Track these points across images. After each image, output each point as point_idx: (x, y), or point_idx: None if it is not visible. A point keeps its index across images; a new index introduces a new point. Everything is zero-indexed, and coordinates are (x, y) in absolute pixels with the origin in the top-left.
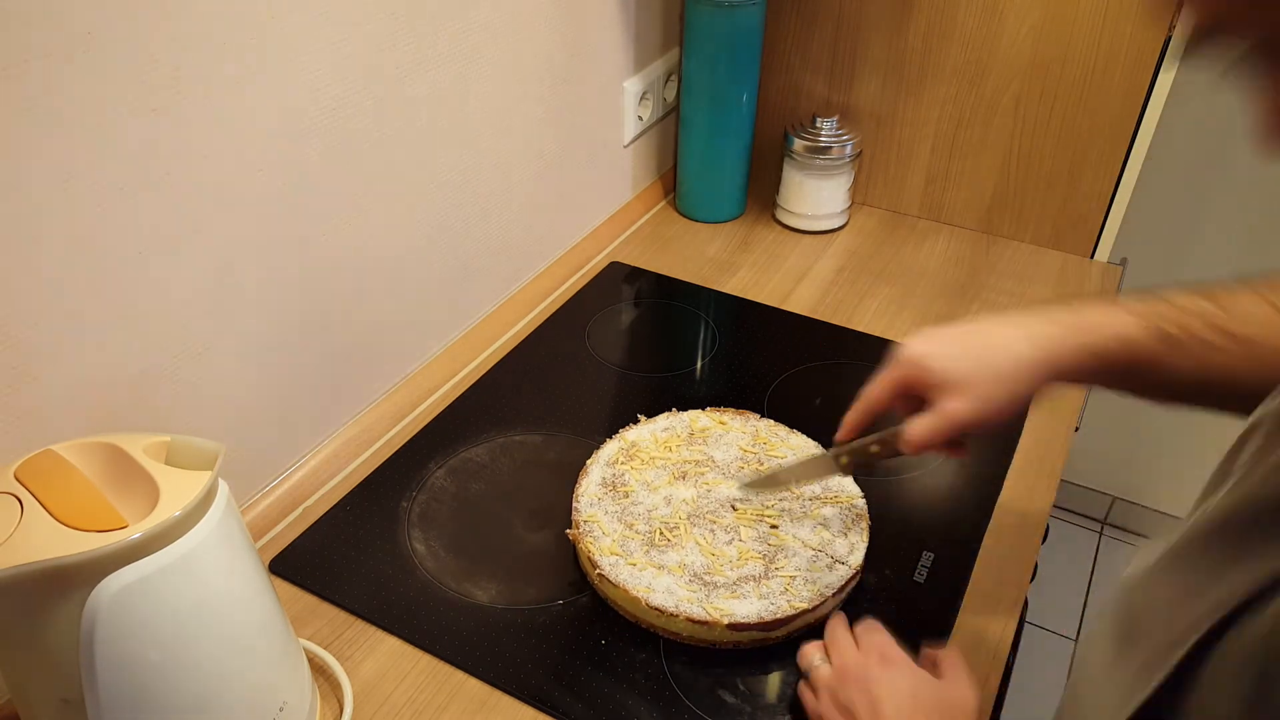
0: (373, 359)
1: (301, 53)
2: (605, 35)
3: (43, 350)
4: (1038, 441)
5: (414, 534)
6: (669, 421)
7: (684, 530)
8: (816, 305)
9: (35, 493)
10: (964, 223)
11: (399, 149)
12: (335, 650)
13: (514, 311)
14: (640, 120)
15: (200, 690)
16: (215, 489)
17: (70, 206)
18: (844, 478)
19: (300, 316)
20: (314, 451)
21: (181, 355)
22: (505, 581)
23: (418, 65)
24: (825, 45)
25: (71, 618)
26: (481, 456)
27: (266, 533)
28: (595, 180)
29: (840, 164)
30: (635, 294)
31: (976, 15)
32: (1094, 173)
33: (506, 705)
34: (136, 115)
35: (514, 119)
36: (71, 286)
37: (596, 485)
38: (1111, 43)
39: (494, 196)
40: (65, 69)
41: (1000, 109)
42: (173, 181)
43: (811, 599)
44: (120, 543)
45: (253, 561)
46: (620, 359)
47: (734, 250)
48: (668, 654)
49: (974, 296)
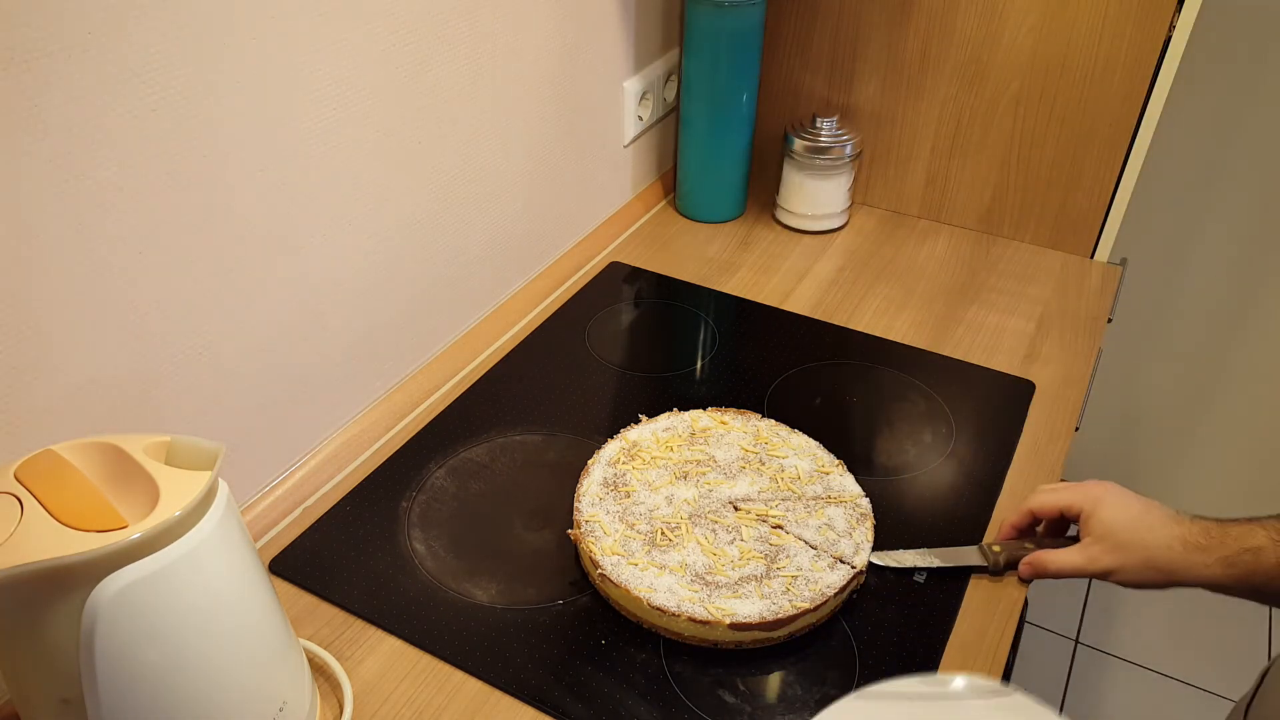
0: (372, 359)
1: (303, 53)
2: (605, 35)
3: (43, 350)
4: (1038, 441)
5: (414, 534)
6: (670, 421)
7: (685, 530)
8: (816, 305)
9: (35, 493)
10: (964, 223)
11: (399, 148)
12: (335, 650)
13: (514, 311)
14: (640, 120)
15: (200, 690)
16: (215, 489)
17: (70, 206)
18: (989, 557)
19: (300, 316)
20: (314, 451)
21: (181, 355)
22: (505, 581)
23: (419, 66)
24: (825, 45)
25: (71, 618)
26: (481, 456)
27: (266, 533)
28: (595, 180)
29: (840, 164)
30: (635, 294)
31: (976, 16)
32: (1094, 173)
33: (506, 705)
34: (136, 115)
35: (514, 119)
36: (71, 286)
37: (598, 485)
38: (1111, 43)
39: (493, 196)
40: (65, 69)
41: (1000, 109)
42: (173, 181)
43: (813, 599)
44: (120, 543)
45: (253, 561)
46: (620, 359)
47: (734, 250)
48: (668, 654)
49: (974, 297)
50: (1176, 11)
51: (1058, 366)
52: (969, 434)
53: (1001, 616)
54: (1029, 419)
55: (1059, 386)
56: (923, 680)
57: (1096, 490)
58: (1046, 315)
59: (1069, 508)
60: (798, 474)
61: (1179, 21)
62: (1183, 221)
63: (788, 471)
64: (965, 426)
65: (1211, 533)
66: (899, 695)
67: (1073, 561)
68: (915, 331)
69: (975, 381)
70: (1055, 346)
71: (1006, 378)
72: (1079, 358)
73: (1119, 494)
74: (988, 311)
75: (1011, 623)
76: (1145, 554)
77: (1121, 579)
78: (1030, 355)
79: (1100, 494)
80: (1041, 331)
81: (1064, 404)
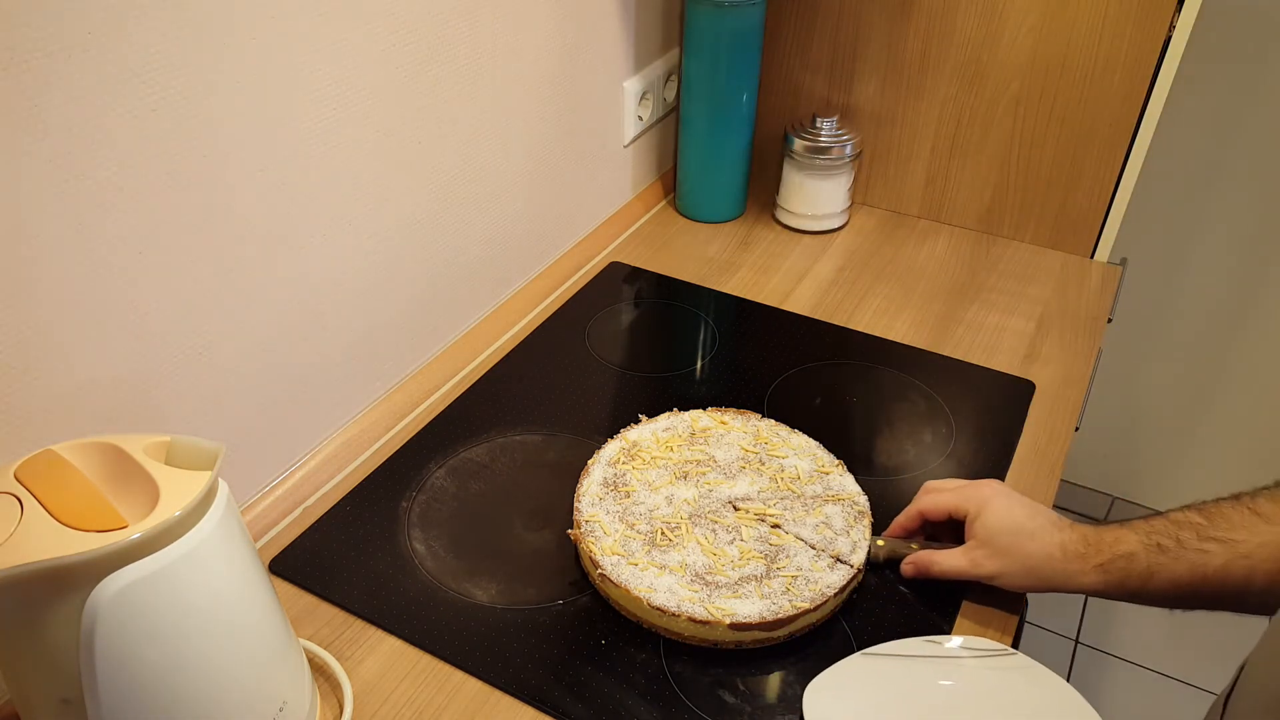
0: (372, 359)
1: (303, 53)
2: (605, 35)
3: (43, 350)
4: (1038, 441)
5: (414, 534)
6: (670, 421)
7: (685, 530)
8: (816, 305)
9: (35, 493)
10: (964, 223)
11: (399, 148)
12: (335, 650)
13: (514, 311)
14: (640, 120)
15: (200, 690)
16: (215, 489)
17: (70, 206)
18: (871, 549)
19: (300, 316)
20: (314, 451)
21: (181, 355)
22: (505, 581)
23: (420, 66)
24: (825, 45)
25: (71, 618)
26: (481, 456)
27: (266, 533)
28: (595, 180)
29: (840, 164)
30: (635, 294)
31: (976, 16)
32: (1094, 173)
33: (506, 705)
34: (136, 115)
35: (514, 119)
36: (71, 286)
37: (598, 485)
38: (1111, 43)
39: (493, 196)
40: (65, 68)
41: (1000, 109)
42: (173, 181)
43: (813, 598)
44: (120, 543)
45: (253, 561)
46: (620, 359)
47: (734, 250)
48: (668, 654)
49: (974, 297)
50: (1176, 11)
51: (1058, 366)
52: (969, 434)
53: (1001, 617)
54: (1029, 419)
55: (1059, 386)
56: (925, 640)
57: (984, 492)
58: (1046, 315)
59: (955, 510)
60: (797, 474)
61: (1179, 21)
62: (1183, 221)
63: (787, 471)
64: (965, 426)
65: (1089, 539)
66: (902, 654)
67: (956, 564)
68: (915, 331)
69: (975, 381)
70: (1055, 346)
71: (1006, 378)
72: (1079, 358)
73: (1005, 498)
74: (988, 311)
75: (1011, 623)
76: (1027, 562)
77: (1004, 584)
78: (1030, 355)
79: (987, 496)
80: (1041, 331)
81: (1064, 404)
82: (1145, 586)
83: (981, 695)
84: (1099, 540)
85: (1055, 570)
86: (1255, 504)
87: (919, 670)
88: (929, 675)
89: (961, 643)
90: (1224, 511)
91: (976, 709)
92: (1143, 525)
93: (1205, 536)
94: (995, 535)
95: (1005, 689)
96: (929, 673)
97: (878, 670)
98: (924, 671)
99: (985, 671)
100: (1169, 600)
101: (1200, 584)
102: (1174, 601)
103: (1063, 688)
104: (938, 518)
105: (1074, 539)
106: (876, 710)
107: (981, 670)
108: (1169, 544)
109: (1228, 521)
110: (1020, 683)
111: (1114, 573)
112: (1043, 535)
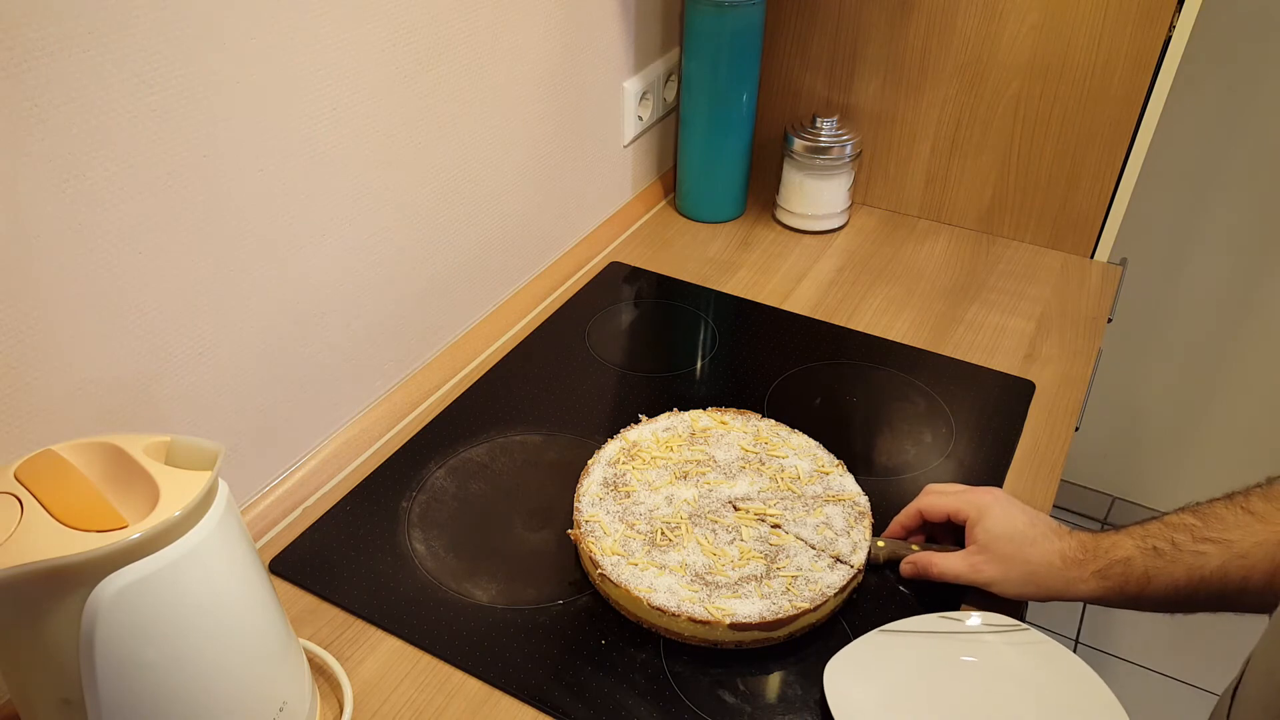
0: (372, 359)
1: (303, 53)
2: (605, 35)
3: (43, 350)
4: (1038, 441)
5: (414, 534)
6: (670, 421)
7: (685, 530)
8: (816, 305)
9: (35, 493)
10: (964, 223)
11: (399, 148)
12: (335, 650)
13: (514, 311)
14: (640, 120)
15: (200, 690)
16: (215, 489)
17: (70, 206)
18: (872, 550)
19: (300, 316)
20: (314, 451)
21: (181, 355)
22: (505, 581)
23: (420, 66)
24: (825, 45)
25: (71, 618)
26: (481, 456)
27: (266, 533)
28: (595, 180)
29: (840, 164)
30: (635, 294)
31: (976, 15)
32: (1094, 173)
33: (506, 705)
34: (136, 114)
35: (514, 119)
36: (71, 286)
37: (598, 485)
38: (1111, 43)
39: (493, 196)
40: (65, 68)
41: (1000, 109)
42: (173, 181)
43: (813, 599)
44: (120, 543)
45: (253, 561)
46: (620, 359)
47: (734, 250)
48: (668, 654)
49: (974, 296)
50: (1176, 12)
51: (1058, 366)
52: (969, 434)
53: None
54: (1029, 419)
55: (1059, 386)
56: (942, 617)
57: (985, 498)
58: (1046, 315)
59: (955, 514)
60: (798, 474)
61: (1179, 22)
62: (1183, 221)
63: (788, 471)
64: (965, 426)
65: (1086, 546)
66: (919, 631)
67: (955, 568)
68: (915, 331)
69: (975, 381)
70: (1055, 346)
71: (1006, 378)
72: (1079, 358)
73: (1006, 504)
74: (988, 311)
75: None
76: (1026, 569)
77: (1002, 590)
78: (1030, 355)
79: (988, 502)
80: (1041, 331)
81: (1064, 404)
82: (1144, 591)
83: (1003, 671)
84: (1096, 546)
85: (1054, 578)
86: (1248, 503)
87: (940, 646)
88: (951, 651)
89: (980, 619)
90: (1218, 512)
91: (1001, 684)
92: (1138, 530)
93: (1200, 538)
94: (995, 541)
95: (1026, 665)
96: (951, 649)
97: (898, 647)
98: (946, 648)
99: (1005, 647)
100: (1169, 604)
101: (1198, 586)
102: (1174, 605)
103: (1079, 665)
104: (937, 519)
105: (1072, 546)
106: (902, 686)
107: (1001, 646)
108: (1165, 547)
109: (1222, 522)
110: (1039, 659)
111: (1112, 578)
112: (1043, 543)
